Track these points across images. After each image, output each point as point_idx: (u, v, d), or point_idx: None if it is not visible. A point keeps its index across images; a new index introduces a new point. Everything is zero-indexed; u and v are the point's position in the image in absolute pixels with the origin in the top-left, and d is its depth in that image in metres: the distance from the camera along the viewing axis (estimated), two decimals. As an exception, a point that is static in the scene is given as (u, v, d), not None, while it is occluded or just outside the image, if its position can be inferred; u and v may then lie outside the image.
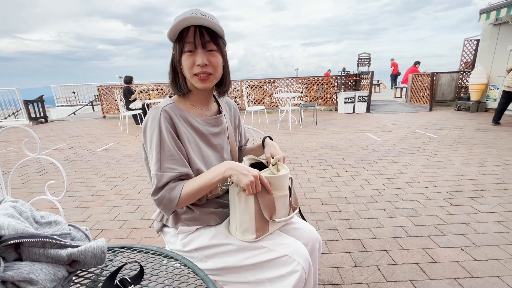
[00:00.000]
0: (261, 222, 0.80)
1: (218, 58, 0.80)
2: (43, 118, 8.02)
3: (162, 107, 0.81)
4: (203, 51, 0.77)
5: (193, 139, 0.85)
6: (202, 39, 0.76)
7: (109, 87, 8.36)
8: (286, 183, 0.84)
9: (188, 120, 0.85)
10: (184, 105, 0.87)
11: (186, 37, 0.76)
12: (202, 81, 0.81)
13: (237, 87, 8.16)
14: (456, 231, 1.79)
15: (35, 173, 3.33)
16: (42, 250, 0.47)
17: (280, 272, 0.77)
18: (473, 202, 2.16)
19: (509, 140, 3.94)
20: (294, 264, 0.76)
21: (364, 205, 2.19)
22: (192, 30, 0.76)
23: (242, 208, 0.79)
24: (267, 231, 0.82)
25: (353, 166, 3.13)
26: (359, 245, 1.69)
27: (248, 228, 0.80)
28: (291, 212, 0.87)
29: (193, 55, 0.78)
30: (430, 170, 2.89)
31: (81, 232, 0.59)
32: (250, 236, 0.80)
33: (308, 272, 0.79)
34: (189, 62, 0.78)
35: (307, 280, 0.79)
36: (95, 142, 4.98)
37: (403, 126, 5.30)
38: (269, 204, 0.80)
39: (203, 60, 0.77)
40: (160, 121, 0.78)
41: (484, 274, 1.40)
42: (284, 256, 0.78)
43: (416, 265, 1.49)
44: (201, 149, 0.86)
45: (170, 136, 0.78)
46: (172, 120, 0.81)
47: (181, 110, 0.85)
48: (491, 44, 6.33)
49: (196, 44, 0.76)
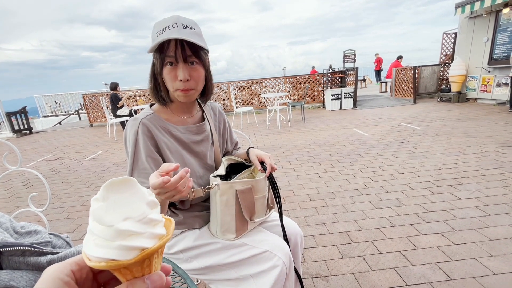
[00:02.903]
0: (241, 222, 0.84)
1: (200, 71, 0.79)
2: (27, 130, 7.82)
3: (141, 119, 0.81)
4: (184, 65, 0.76)
5: (175, 149, 0.85)
6: (183, 53, 0.75)
7: (95, 95, 8.23)
8: (265, 185, 0.89)
9: (169, 130, 0.85)
10: (165, 114, 0.87)
11: (167, 50, 0.74)
12: (184, 96, 0.80)
13: (225, 89, 8.18)
14: (437, 218, 1.87)
15: (21, 186, 3.26)
16: (22, 258, 0.49)
17: (262, 268, 0.80)
18: (453, 190, 2.25)
19: (487, 128, 4.11)
20: (275, 259, 0.80)
21: (351, 199, 2.26)
22: (173, 44, 0.74)
23: (223, 209, 0.82)
24: (246, 229, 0.86)
25: (340, 162, 3.20)
26: (346, 237, 1.75)
27: (228, 228, 0.84)
28: (267, 212, 0.92)
29: (175, 69, 0.76)
30: (413, 161, 2.99)
31: (62, 240, 0.61)
32: (230, 235, 0.84)
33: (289, 266, 0.83)
34: (171, 76, 0.77)
35: (288, 273, 0.83)
36: (83, 152, 4.90)
37: (388, 120, 5.43)
38: (250, 206, 0.84)
39: (184, 75, 0.76)
40: (138, 134, 0.79)
41: (462, 257, 1.48)
42: (265, 252, 0.82)
43: (399, 253, 1.56)
44: (184, 157, 0.87)
45: (145, 149, 0.78)
46: (151, 132, 0.81)
47: (162, 121, 0.85)
48: (468, 36, 6.56)
49: (178, 58, 0.75)
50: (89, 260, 0.21)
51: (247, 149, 1.00)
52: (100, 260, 0.21)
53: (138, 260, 0.21)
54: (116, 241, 0.21)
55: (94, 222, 0.22)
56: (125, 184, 0.23)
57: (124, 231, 0.21)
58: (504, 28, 5.72)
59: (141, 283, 0.22)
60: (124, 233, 0.21)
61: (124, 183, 0.23)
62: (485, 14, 5.95)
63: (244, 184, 0.83)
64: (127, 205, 0.22)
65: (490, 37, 5.99)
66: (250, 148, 0.99)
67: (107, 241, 0.21)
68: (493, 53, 5.99)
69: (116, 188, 0.23)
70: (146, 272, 0.22)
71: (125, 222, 0.21)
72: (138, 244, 0.21)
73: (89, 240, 0.22)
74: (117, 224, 0.21)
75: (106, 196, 0.22)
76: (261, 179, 0.86)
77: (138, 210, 0.23)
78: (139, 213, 0.22)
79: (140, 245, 0.21)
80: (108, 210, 0.22)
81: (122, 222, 0.21)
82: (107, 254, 0.20)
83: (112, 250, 0.20)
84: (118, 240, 0.21)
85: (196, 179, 0.88)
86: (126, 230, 0.21)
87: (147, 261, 0.22)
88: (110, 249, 0.21)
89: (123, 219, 0.22)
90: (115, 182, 0.23)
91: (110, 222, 0.21)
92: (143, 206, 0.23)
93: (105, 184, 0.22)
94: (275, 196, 0.94)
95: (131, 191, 0.23)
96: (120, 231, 0.21)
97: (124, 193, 0.23)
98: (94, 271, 0.24)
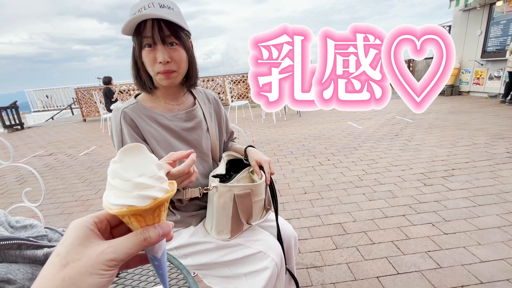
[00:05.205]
0: (236, 224, 0.84)
1: (181, 52, 0.75)
2: (18, 125, 7.68)
3: (123, 108, 0.78)
4: (163, 46, 0.71)
5: (162, 138, 0.81)
6: (161, 34, 0.70)
7: (88, 89, 8.09)
8: (263, 189, 0.89)
9: (155, 118, 0.81)
10: (151, 102, 0.83)
11: (143, 31, 0.70)
12: (166, 78, 0.76)
13: (220, 83, 8.11)
14: (428, 209, 1.92)
15: (14, 182, 3.23)
16: (19, 252, 0.50)
17: (256, 268, 0.81)
18: (444, 181, 2.30)
19: (479, 121, 4.18)
20: (268, 260, 0.81)
21: (345, 191, 2.29)
22: (150, 24, 0.69)
23: (219, 211, 0.82)
24: (241, 230, 0.87)
25: (335, 155, 3.23)
26: (340, 228, 1.78)
27: (223, 229, 0.84)
28: (264, 213, 0.92)
29: (154, 51, 0.72)
30: (406, 154, 3.04)
31: (58, 234, 0.62)
32: (225, 236, 0.84)
33: (280, 267, 0.84)
34: (150, 58, 0.72)
35: (279, 274, 0.84)
36: (76, 147, 4.85)
37: (382, 113, 5.48)
38: (247, 210, 0.83)
39: (164, 57, 0.71)
40: (121, 124, 0.76)
41: (452, 246, 1.53)
42: (259, 252, 0.82)
43: (391, 243, 1.60)
44: (173, 146, 0.83)
45: (130, 138, 0.76)
46: (134, 121, 0.78)
47: (146, 109, 0.80)
48: (462, 29, 6.60)
49: (155, 39, 0.70)
50: (111, 210, 0.26)
51: (245, 147, 0.96)
52: (122, 207, 0.25)
53: (152, 207, 0.26)
54: (134, 192, 0.26)
55: (115, 179, 0.26)
56: (138, 149, 0.28)
57: (140, 183, 0.26)
58: (497, 21, 5.76)
59: (153, 229, 0.26)
60: (140, 185, 0.26)
61: (136, 148, 0.28)
62: (479, 7, 5.98)
63: (243, 188, 0.81)
64: (140, 165, 0.27)
65: (484, 30, 6.03)
66: (249, 148, 0.95)
67: (126, 192, 0.26)
68: (486, 46, 6.04)
69: (130, 152, 0.27)
70: (156, 221, 0.27)
71: (140, 177, 0.26)
72: (152, 194, 0.26)
73: (109, 194, 0.27)
74: (134, 179, 0.26)
75: (123, 159, 0.27)
76: (260, 183, 0.85)
77: (150, 169, 0.27)
78: (151, 171, 0.27)
79: (153, 194, 0.26)
80: (125, 168, 0.26)
81: (138, 177, 0.26)
82: (127, 201, 0.25)
83: (131, 199, 0.25)
84: (136, 191, 0.26)
85: None
86: (141, 183, 0.26)
87: (158, 210, 0.27)
88: (129, 198, 0.25)
89: (138, 175, 0.26)
90: (130, 147, 0.27)
91: (128, 177, 0.26)
92: (153, 166, 0.28)
93: (121, 149, 0.27)
94: (272, 199, 0.94)
95: (143, 155, 0.28)
96: (137, 183, 0.26)
97: (137, 156, 0.28)
98: (111, 224, 0.28)
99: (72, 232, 0.24)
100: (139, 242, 0.25)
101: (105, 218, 0.27)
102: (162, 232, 0.27)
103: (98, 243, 0.24)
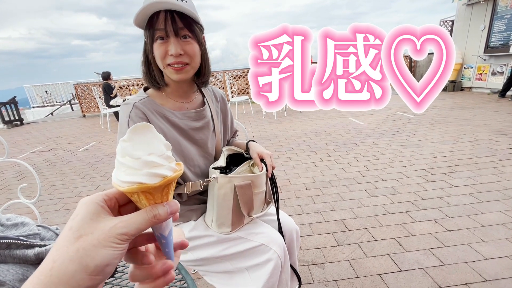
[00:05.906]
0: (237, 216, 0.82)
1: (194, 46, 0.73)
2: (18, 121, 7.65)
3: (134, 103, 0.75)
4: (176, 39, 0.69)
5: (171, 135, 0.80)
6: (174, 26, 0.68)
7: (87, 85, 8.03)
8: (263, 181, 0.87)
9: (165, 115, 0.79)
10: (161, 99, 0.81)
11: (156, 23, 0.68)
12: (177, 72, 0.73)
13: (220, 78, 8.05)
14: (431, 205, 1.89)
15: (13, 178, 3.21)
16: (8, 252, 0.47)
17: (258, 261, 0.79)
18: (447, 177, 2.28)
19: (482, 116, 4.14)
20: (271, 253, 0.79)
21: (346, 187, 2.27)
22: (163, 16, 0.67)
23: (220, 202, 0.80)
24: (242, 223, 0.85)
25: (336, 151, 3.20)
26: (341, 225, 1.76)
27: (224, 222, 0.82)
28: (265, 207, 0.91)
29: (165, 43, 0.70)
30: (408, 150, 3.01)
31: (51, 232, 0.59)
32: (226, 229, 0.82)
33: (284, 259, 0.82)
34: (161, 51, 0.70)
35: (283, 267, 0.82)
36: (76, 143, 4.82)
37: (384, 109, 5.43)
38: (248, 201, 0.82)
39: (176, 49, 0.69)
40: (131, 118, 0.74)
41: (455, 243, 1.51)
42: (260, 245, 0.81)
43: (394, 240, 1.58)
44: (181, 145, 0.82)
45: None
46: (146, 116, 0.75)
47: (157, 105, 0.79)
48: (465, 24, 6.51)
49: (168, 31, 0.68)
50: (121, 187, 0.26)
51: (247, 142, 0.96)
52: (132, 184, 0.26)
53: (162, 185, 0.27)
54: (144, 170, 0.26)
55: (125, 157, 0.27)
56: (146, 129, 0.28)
57: (149, 162, 0.27)
58: (501, 15, 5.67)
59: (162, 207, 0.27)
60: (150, 164, 0.27)
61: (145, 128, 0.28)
62: (482, 1, 5.88)
63: (243, 179, 0.80)
64: (149, 145, 0.28)
65: (487, 25, 5.94)
66: (250, 142, 0.96)
67: (136, 170, 0.26)
68: (490, 41, 5.96)
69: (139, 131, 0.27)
70: (164, 199, 0.28)
71: (150, 156, 0.27)
72: (161, 172, 0.27)
73: (119, 172, 0.27)
74: (143, 157, 0.26)
75: (132, 137, 0.27)
76: (260, 174, 0.84)
77: (159, 148, 0.28)
78: (159, 150, 0.28)
79: (163, 173, 0.27)
80: (135, 147, 0.27)
81: (147, 156, 0.27)
82: (138, 178, 0.26)
83: (141, 176, 0.26)
84: (145, 169, 0.26)
85: (194, 168, 0.85)
86: (151, 161, 0.27)
87: (166, 189, 0.28)
88: (139, 175, 0.26)
89: (147, 154, 0.27)
90: (139, 126, 0.27)
91: (138, 156, 0.26)
92: (162, 146, 0.28)
93: (130, 128, 0.27)
94: (273, 192, 0.92)
95: (151, 134, 0.28)
96: (147, 162, 0.26)
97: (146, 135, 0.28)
98: (120, 203, 0.28)
99: (83, 208, 0.25)
100: (149, 219, 0.26)
101: (113, 196, 0.27)
102: (171, 210, 0.28)
103: (109, 218, 0.25)
